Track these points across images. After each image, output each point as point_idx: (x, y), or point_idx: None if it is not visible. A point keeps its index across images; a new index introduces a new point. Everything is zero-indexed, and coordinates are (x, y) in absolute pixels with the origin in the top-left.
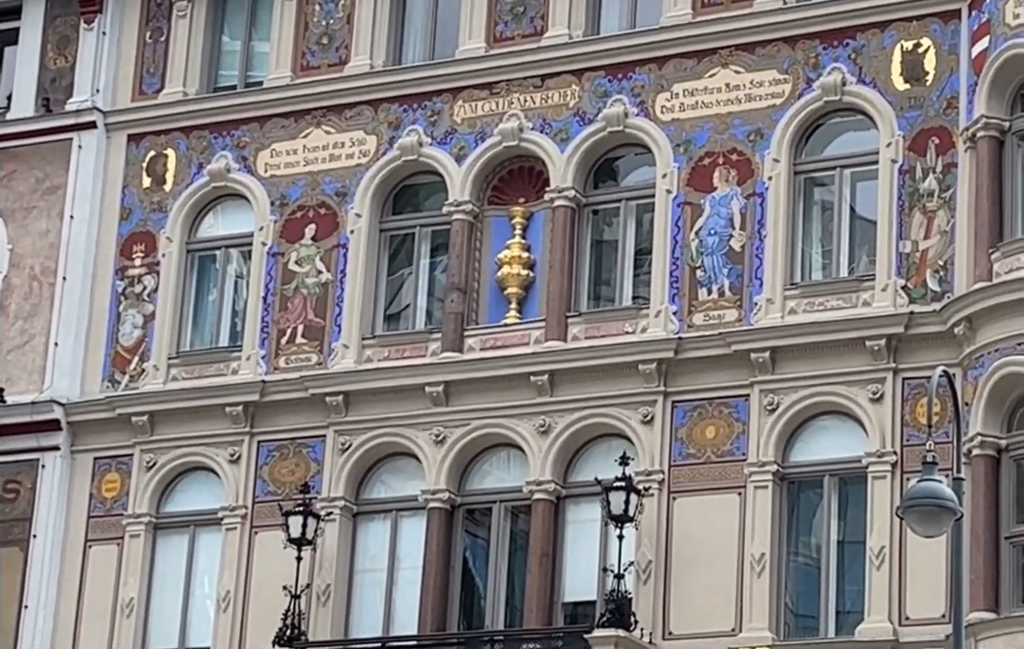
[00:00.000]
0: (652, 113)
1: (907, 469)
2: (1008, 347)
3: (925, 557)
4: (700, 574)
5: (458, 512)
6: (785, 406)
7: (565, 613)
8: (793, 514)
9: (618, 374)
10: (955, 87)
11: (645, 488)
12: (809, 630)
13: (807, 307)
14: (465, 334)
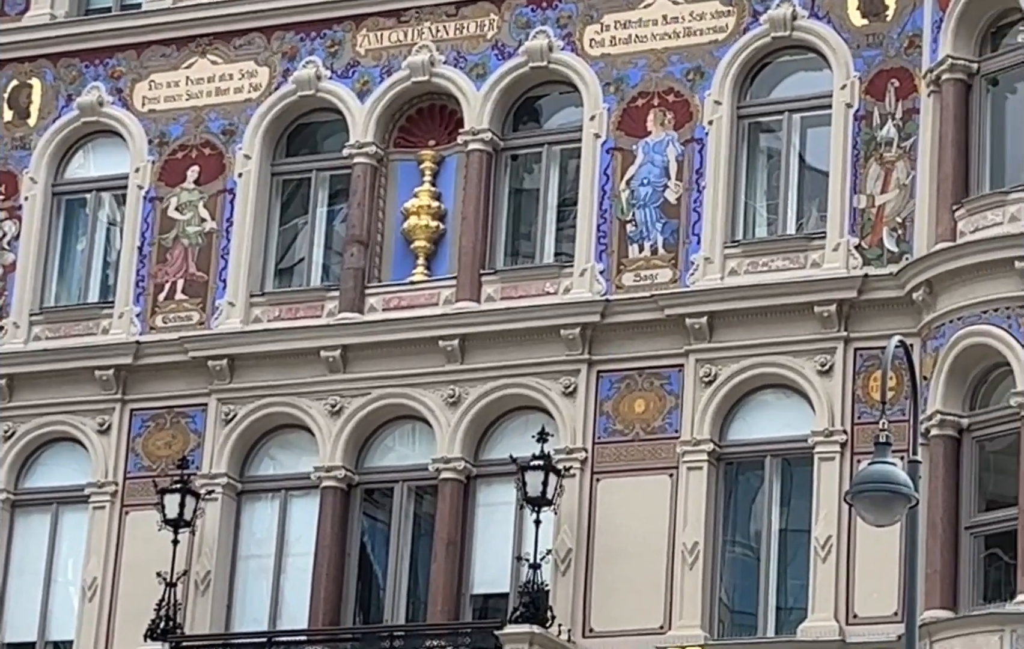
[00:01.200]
0: (580, 47)
1: (858, 450)
2: (972, 315)
3: (876, 549)
4: (626, 565)
5: (355, 492)
6: (723, 378)
7: (474, 607)
8: (730, 499)
9: (537, 340)
10: (918, 23)
11: (566, 468)
12: (746, 628)
13: (749, 268)
14: (366, 292)
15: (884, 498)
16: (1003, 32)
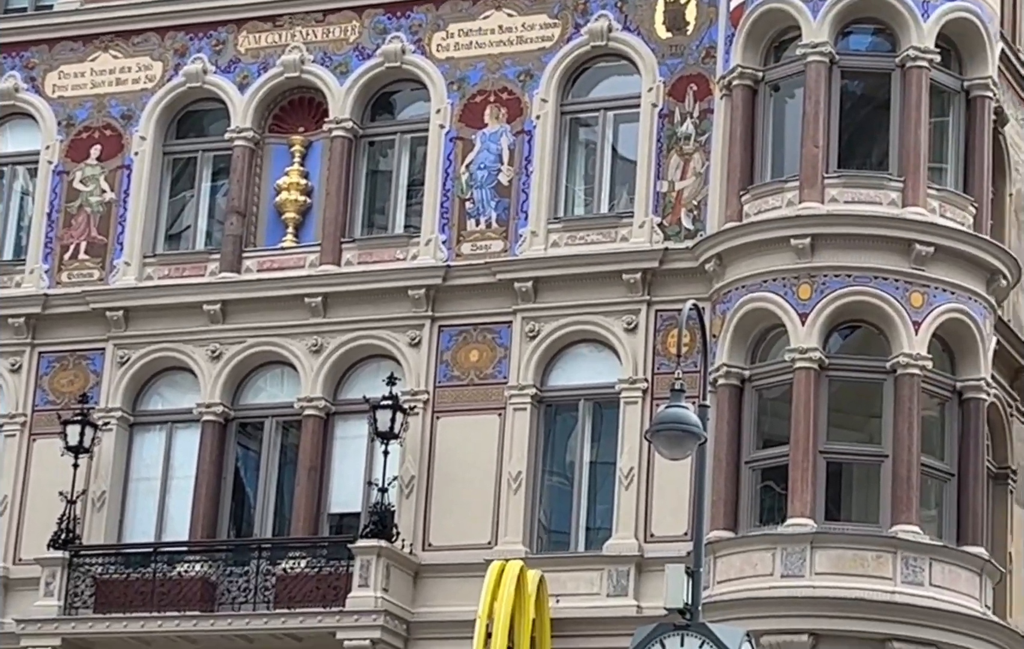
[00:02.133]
0: (428, 51)
1: (657, 396)
2: (754, 284)
3: (670, 479)
4: (460, 490)
5: (231, 425)
6: (545, 333)
7: (331, 524)
8: (549, 435)
9: (388, 298)
10: (714, 37)
11: (410, 407)
12: (560, 545)
13: (569, 240)
14: (243, 255)
15: (678, 436)
16: (784, 46)
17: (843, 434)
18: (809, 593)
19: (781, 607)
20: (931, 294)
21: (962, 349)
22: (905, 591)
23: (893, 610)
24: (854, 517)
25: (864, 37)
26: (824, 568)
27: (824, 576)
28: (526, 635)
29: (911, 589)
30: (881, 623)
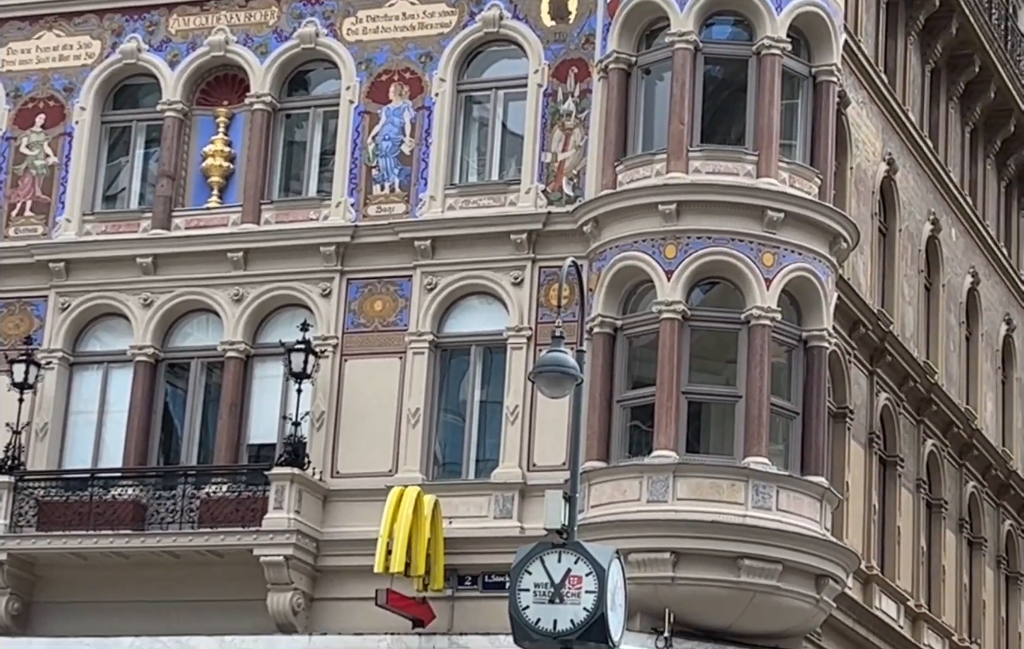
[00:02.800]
0: (339, 34)
1: (540, 342)
2: (626, 243)
3: (551, 415)
4: (364, 424)
5: (161, 366)
6: (442, 286)
7: (250, 454)
8: (444, 377)
9: (302, 254)
10: (593, 26)
11: (321, 350)
12: (453, 473)
13: (463, 204)
14: (173, 215)
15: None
16: (655, 34)
17: (703, 377)
18: (671, 516)
19: (647, 528)
20: (781, 255)
21: (807, 303)
22: (755, 515)
23: (745, 531)
24: (711, 450)
25: (725, 27)
26: (685, 495)
27: (684, 501)
28: (422, 552)
29: (760, 513)
30: (734, 543)
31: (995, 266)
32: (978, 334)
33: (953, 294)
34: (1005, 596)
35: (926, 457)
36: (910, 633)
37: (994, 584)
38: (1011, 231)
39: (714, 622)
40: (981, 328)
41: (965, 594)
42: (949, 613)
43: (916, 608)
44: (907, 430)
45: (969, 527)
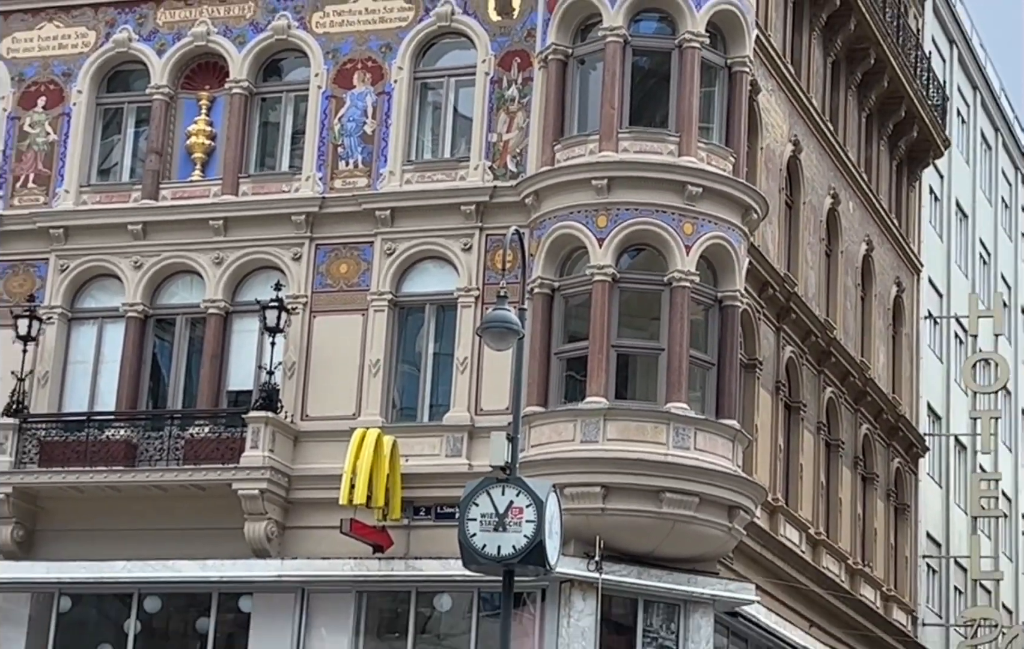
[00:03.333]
0: (309, 27)
1: (486, 301)
2: (563, 214)
3: (496, 366)
4: (331, 373)
5: (150, 321)
6: (400, 251)
7: (229, 399)
8: (402, 331)
9: (276, 222)
10: (534, 21)
11: (292, 308)
12: (409, 417)
13: (419, 179)
14: (160, 187)
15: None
16: (589, 28)
17: (630, 332)
18: (602, 454)
19: (580, 466)
20: (699, 224)
21: (722, 267)
22: (676, 453)
23: (666, 468)
24: (637, 396)
25: (651, 23)
26: (613, 436)
27: (613, 442)
28: (382, 486)
29: (680, 452)
30: (657, 478)
31: (887, 235)
32: (872, 295)
33: (850, 260)
34: (894, 525)
35: (826, 403)
36: (811, 557)
37: (884, 514)
38: (902, 204)
39: (639, 548)
40: (875, 289)
41: (859, 523)
42: (845, 539)
43: (816, 535)
44: (809, 379)
45: (863, 464)
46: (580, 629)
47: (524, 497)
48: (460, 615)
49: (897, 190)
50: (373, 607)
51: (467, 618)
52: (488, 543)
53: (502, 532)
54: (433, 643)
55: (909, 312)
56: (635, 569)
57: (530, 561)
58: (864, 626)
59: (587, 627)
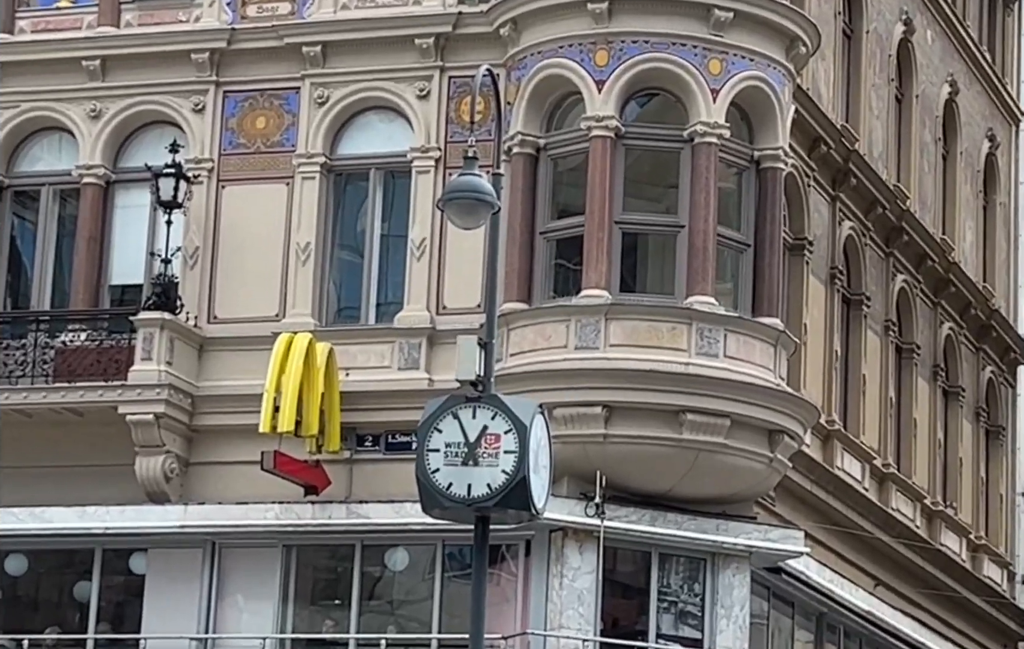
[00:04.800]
0: None
1: (450, 165)
2: (550, 49)
3: (463, 250)
4: (246, 261)
5: (6, 194)
6: (335, 100)
7: (112, 296)
8: (339, 206)
9: (170, 62)
10: None
11: (194, 175)
12: (350, 318)
13: (359, 3)
14: (17, 16)
15: (471, 205)
16: None
17: (639, 204)
18: (603, 365)
19: (575, 379)
20: (729, 61)
21: (760, 118)
22: (699, 363)
23: (687, 381)
24: (649, 288)
25: None
26: (618, 340)
27: (618, 348)
28: (315, 409)
29: (705, 360)
30: (675, 395)
31: (977, 74)
32: (956, 153)
33: (928, 106)
34: (985, 453)
35: (896, 295)
36: (876, 495)
37: (972, 440)
38: (995, 34)
39: (652, 486)
40: (960, 146)
41: (939, 452)
42: (921, 473)
43: (883, 468)
44: (874, 264)
45: (944, 375)
46: (576, 592)
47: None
48: (419, 576)
49: (990, 16)
50: (305, 566)
51: (428, 580)
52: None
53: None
54: (383, 612)
55: (1005, 176)
56: (647, 514)
57: (510, 504)
58: (945, 584)
59: (585, 589)
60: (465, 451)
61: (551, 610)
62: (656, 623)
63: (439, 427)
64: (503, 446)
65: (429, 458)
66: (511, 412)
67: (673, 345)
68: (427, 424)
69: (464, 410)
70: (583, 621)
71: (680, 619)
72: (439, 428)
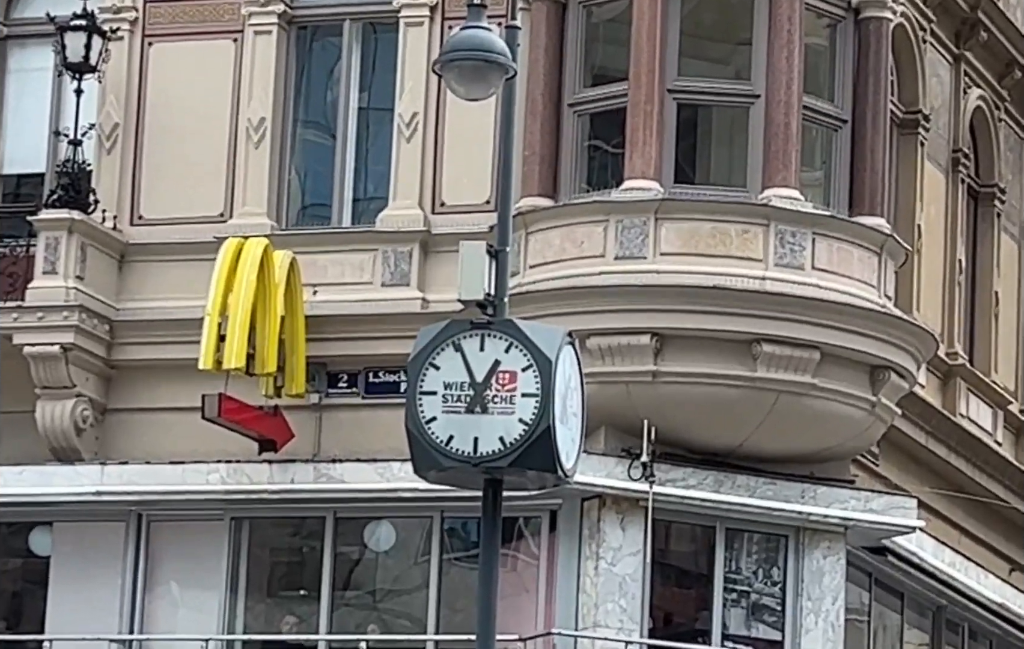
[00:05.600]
0: None
1: (449, 15)
2: None
3: (468, 128)
4: (182, 144)
5: None
6: None
7: (5, 189)
8: (303, 71)
9: None
10: None
11: (112, 30)
12: (319, 218)
13: None
14: None
15: (477, 68)
16: None
17: (700, 67)
18: (652, 279)
19: (615, 298)
20: None
21: None
22: (779, 277)
23: (763, 302)
24: (713, 179)
25: None
26: (672, 247)
27: (672, 258)
28: (272, 339)
29: (787, 274)
30: (747, 319)
31: None
32: None
33: None
34: None
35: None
36: (1012, 452)
37: None
38: None
39: (717, 439)
40: None
41: None
42: None
43: (1021, 415)
44: (1010, 146)
45: None
46: (617, 579)
47: (519, 354)
48: (410, 558)
49: None
50: (260, 545)
51: (421, 564)
52: (458, 434)
53: (481, 415)
54: (363, 605)
55: None
56: (710, 476)
57: (530, 463)
58: None
59: (629, 575)
60: (471, 394)
61: (584, 603)
62: (722, 620)
63: (436, 363)
64: (520, 387)
65: (423, 404)
66: (531, 343)
67: (745, 254)
68: (420, 359)
69: (469, 340)
70: (626, 617)
71: (753, 614)
72: (436, 364)
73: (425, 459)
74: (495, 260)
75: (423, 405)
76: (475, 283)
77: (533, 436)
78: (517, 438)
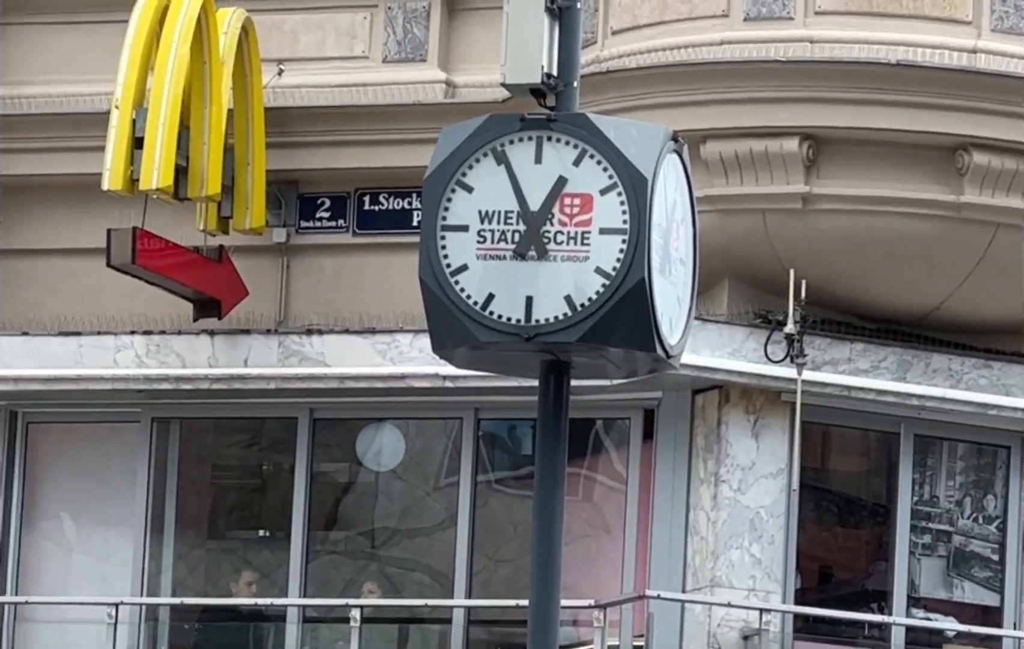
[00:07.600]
0: None
1: None
2: None
3: None
4: None
5: None
6: None
7: None
8: None
9: None
10: None
11: None
12: None
13: None
14: None
15: None
16: None
17: None
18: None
19: (746, 82)
20: None
21: None
22: (995, 48)
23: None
24: None
25: None
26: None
27: (833, 19)
28: (216, 143)
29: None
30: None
31: None
32: None
33: None
34: None
35: None
36: None
37: None
38: None
39: (899, 300)
40: None
41: None
42: None
43: None
44: None
45: None
46: (748, 513)
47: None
48: (427, 481)
49: None
50: (197, 460)
51: (445, 489)
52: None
53: (537, 261)
54: (357, 552)
55: None
56: (891, 355)
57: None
58: None
59: (766, 506)
60: (521, 230)
61: (696, 551)
62: (908, 575)
63: (467, 182)
64: (598, 220)
65: (447, 244)
66: (616, 150)
67: (946, 13)
68: (443, 176)
69: (519, 145)
70: (760, 571)
71: (956, 568)
72: (467, 184)
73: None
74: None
75: (447, 247)
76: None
77: (617, 294)
78: (593, 297)
